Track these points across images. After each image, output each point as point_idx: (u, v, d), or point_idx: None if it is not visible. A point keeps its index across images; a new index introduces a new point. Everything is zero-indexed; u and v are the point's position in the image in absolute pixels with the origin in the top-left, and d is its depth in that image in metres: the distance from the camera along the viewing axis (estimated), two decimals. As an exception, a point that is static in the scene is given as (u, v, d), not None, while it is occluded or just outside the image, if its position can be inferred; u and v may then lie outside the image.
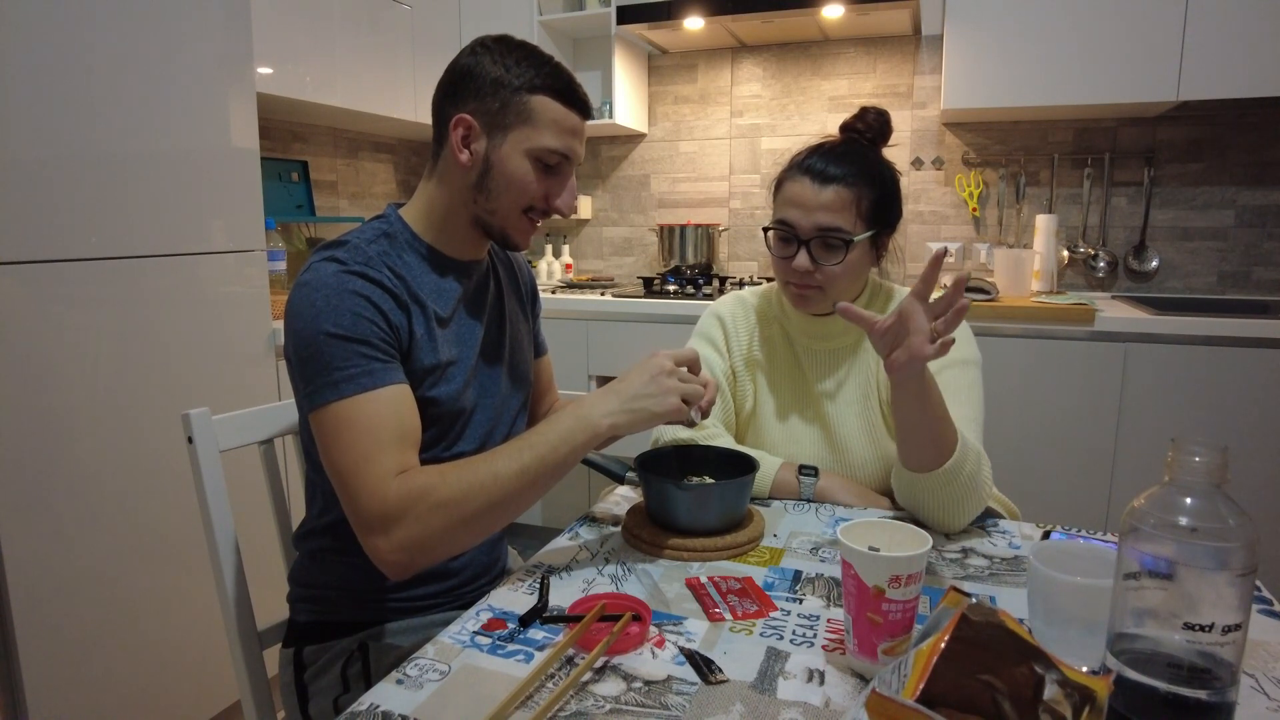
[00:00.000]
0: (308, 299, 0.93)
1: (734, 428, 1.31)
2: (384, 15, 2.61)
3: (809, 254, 1.15)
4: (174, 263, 1.73)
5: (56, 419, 1.52)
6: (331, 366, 0.90)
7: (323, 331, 0.91)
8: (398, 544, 0.87)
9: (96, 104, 1.56)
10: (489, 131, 1.01)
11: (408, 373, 0.97)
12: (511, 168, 1.01)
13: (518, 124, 1.00)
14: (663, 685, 0.71)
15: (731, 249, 3.18)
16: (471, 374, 1.07)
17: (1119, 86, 2.34)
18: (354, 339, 0.91)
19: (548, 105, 1.00)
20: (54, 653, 1.51)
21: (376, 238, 1.01)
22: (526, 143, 1.00)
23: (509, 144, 1.00)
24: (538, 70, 1.00)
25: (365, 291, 0.93)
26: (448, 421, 1.04)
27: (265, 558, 1.31)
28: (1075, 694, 0.52)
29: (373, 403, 0.90)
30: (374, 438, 0.89)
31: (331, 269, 0.94)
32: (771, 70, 3.04)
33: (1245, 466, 2.10)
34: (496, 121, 1.00)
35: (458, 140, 1.01)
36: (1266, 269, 2.58)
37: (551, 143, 1.00)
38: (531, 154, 1.00)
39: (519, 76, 0.99)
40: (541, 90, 1.00)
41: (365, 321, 0.92)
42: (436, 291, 1.04)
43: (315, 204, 2.78)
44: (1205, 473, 0.59)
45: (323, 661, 1.04)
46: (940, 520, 1.05)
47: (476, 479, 0.88)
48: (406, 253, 1.03)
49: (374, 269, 0.96)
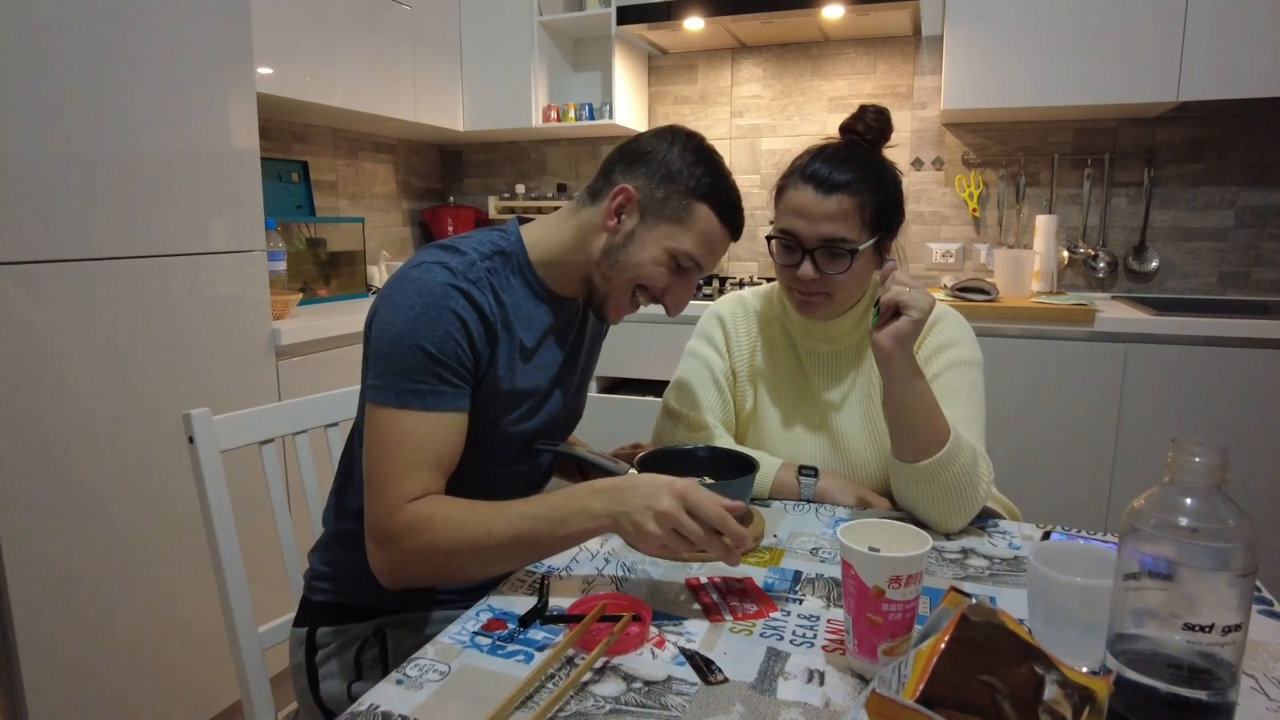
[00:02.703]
0: (409, 298, 0.94)
1: (734, 428, 1.31)
2: (384, 15, 2.61)
3: (813, 263, 1.15)
4: (174, 263, 1.73)
5: (56, 419, 1.52)
6: (407, 375, 0.93)
7: (413, 340, 0.93)
8: (385, 562, 0.92)
9: (96, 104, 1.56)
10: (644, 213, 1.03)
11: (482, 395, 1.00)
12: (647, 255, 1.03)
13: (672, 219, 1.03)
14: (663, 685, 0.71)
15: (731, 249, 3.18)
16: (538, 407, 1.08)
17: (1119, 87, 2.34)
18: (438, 358, 0.93)
19: (705, 215, 1.03)
20: (54, 653, 1.51)
21: (492, 253, 1.03)
22: (671, 240, 1.03)
23: (656, 233, 1.03)
24: (714, 182, 1.03)
25: (463, 314, 0.95)
26: (501, 442, 1.05)
27: (265, 558, 1.31)
28: (1075, 694, 0.52)
29: (426, 423, 0.93)
30: (413, 456, 0.92)
31: (441, 277, 0.95)
32: (771, 70, 3.04)
33: (1245, 466, 2.10)
34: (655, 208, 1.03)
35: (613, 207, 1.03)
36: (1266, 269, 2.58)
37: (693, 249, 1.03)
38: (670, 251, 1.03)
39: (693, 179, 1.02)
40: (706, 200, 1.03)
41: (454, 343, 0.94)
42: (529, 320, 1.05)
43: (315, 204, 2.78)
44: (1205, 473, 0.59)
45: (336, 645, 1.05)
46: (936, 517, 1.06)
47: (470, 531, 0.89)
48: (514, 274, 1.05)
49: (479, 289, 0.97)
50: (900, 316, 1.01)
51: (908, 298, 1.01)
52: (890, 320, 1.02)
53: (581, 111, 3.02)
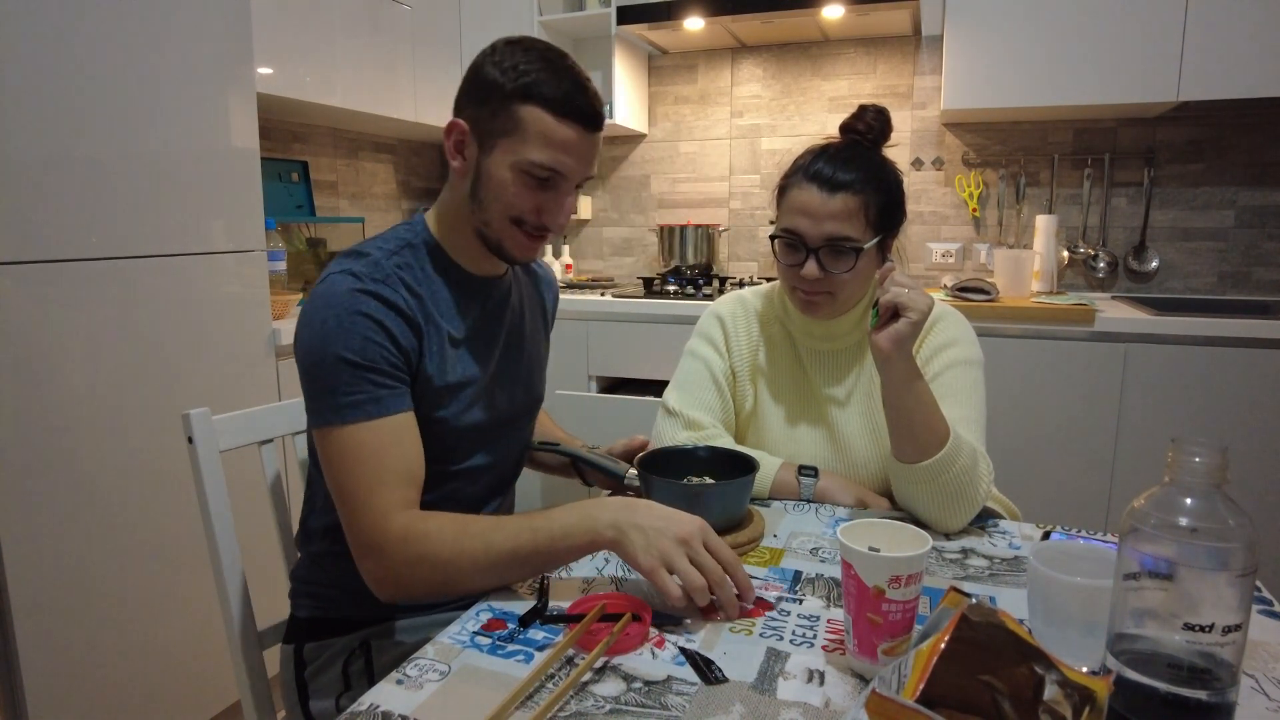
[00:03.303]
0: (320, 314, 0.92)
1: (734, 428, 1.31)
2: (384, 15, 2.61)
3: (818, 262, 1.15)
4: (174, 263, 1.73)
5: (56, 419, 1.52)
6: (338, 390, 0.90)
7: (332, 353, 0.90)
8: (383, 577, 0.90)
9: (96, 104, 1.56)
10: (480, 139, 0.98)
11: (417, 392, 0.97)
12: (499, 180, 0.97)
13: (505, 134, 0.96)
14: (663, 685, 0.71)
15: (731, 249, 3.18)
16: (481, 394, 1.06)
17: (1119, 87, 2.34)
18: (362, 365, 0.91)
19: (535, 115, 0.94)
20: (54, 653, 1.51)
21: (400, 248, 1.00)
22: (513, 155, 0.96)
23: (497, 154, 0.97)
24: (535, 77, 0.94)
25: (377, 315, 0.92)
26: (454, 439, 1.03)
27: (265, 558, 1.31)
28: (1075, 694, 0.52)
29: (376, 431, 0.91)
30: (378, 468, 0.90)
31: (346, 285, 0.93)
32: (771, 70, 3.04)
33: (1245, 466, 2.10)
34: (488, 130, 0.97)
35: (450, 146, 0.99)
36: (1266, 269, 2.58)
37: (537, 157, 0.95)
38: (516, 167, 0.96)
39: (510, 82, 0.94)
40: (528, 99, 0.94)
41: (375, 346, 0.91)
42: (453, 310, 1.03)
43: (315, 204, 2.78)
44: (1205, 473, 0.59)
45: (323, 659, 1.04)
46: (936, 517, 1.06)
47: (471, 545, 0.87)
48: (428, 264, 1.02)
49: (389, 287, 0.94)
50: (899, 318, 1.01)
51: (906, 299, 1.00)
52: (889, 322, 1.02)
53: (581, 111, 3.02)
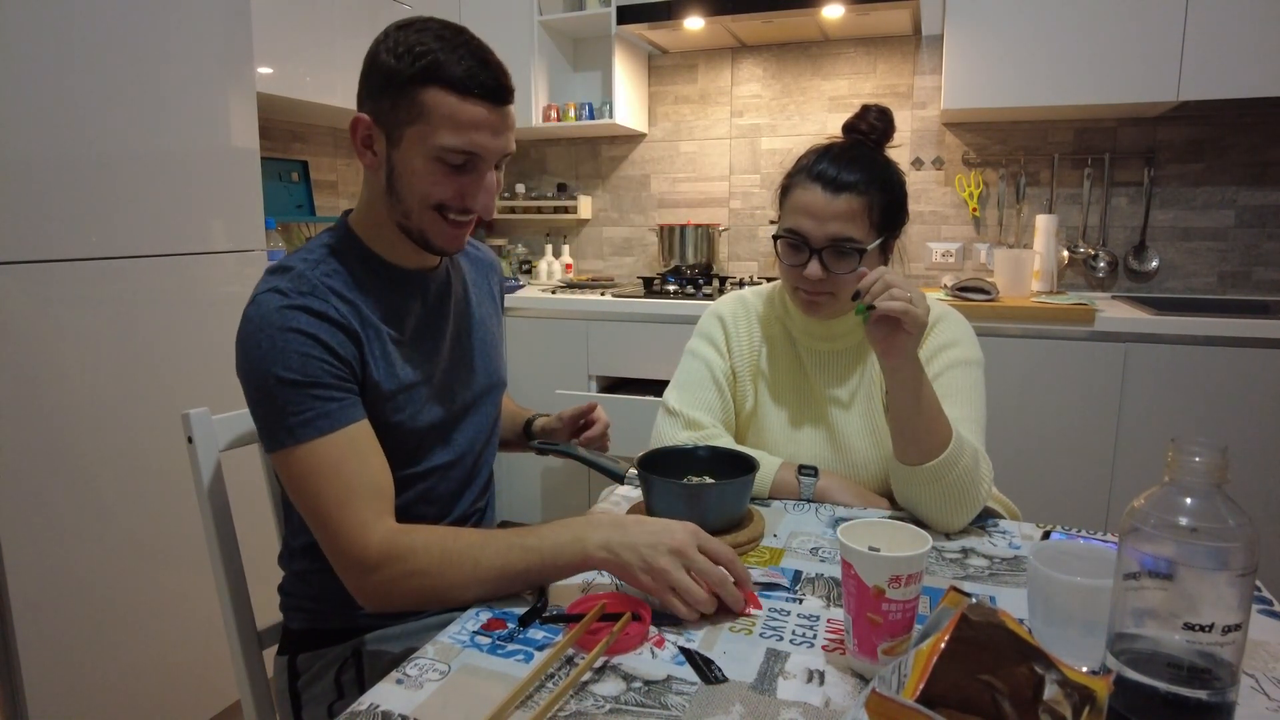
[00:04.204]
0: (253, 337, 0.89)
1: (734, 428, 1.31)
2: (384, 15, 2.61)
3: (821, 263, 1.15)
4: (174, 263, 1.73)
5: (56, 419, 1.52)
6: (286, 411, 0.87)
7: (272, 375, 0.87)
8: (370, 593, 0.88)
9: (96, 104, 1.56)
10: (387, 131, 0.93)
11: (368, 400, 0.95)
12: (413, 171, 0.93)
13: (411, 122, 0.91)
14: (663, 685, 0.71)
15: (731, 249, 3.18)
16: (435, 392, 1.04)
17: (1119, 86, 2.34)
18: (304, 382, 0.88)
19: (437, 97, 0.89)
20: (54, 653, 1.51)
21: (325, 257, 0.97)
22: (423, 142, 0.91)
23: (406, 145, 0.92)
24: (431, 59, 0.89)
25: (309, 329, 0.89)
26: (414, 440, 1.02)
27: (265, 558, 1.31)
28: (1075, 694, 0.52)
29: (333, 446, 0.88)
30: (342, 483, 0.88)
31: (274, 303, 0.89)
32: (771, 70, 3.04)
33: (1245, 466, 2.10)
34: (392, 121, 0.92)
35: (358, 144, 0.95)
36: (1266, 269, 2.58)
37: (448, 141, 0.90)
38: (429, 154, 0.91)
39: (407, 69, 0.89)
40: (427, 82, 0.89)
41: (314, 361, 0.88)
42: (392, 312, 1.00)
43: (315, 204, 2.78)
44: (1205, 473, 0.59)
45: (316, 668, 1.04)
46: (937, 517, 1.06)
47: (457, 562, 0.86)
48: (358, 269, 0.98)
49: (318, 298, 0.91)
50: (899, 327, 0.98)
51: (906, 312, 0.96)
52: (889, 328, 0.99)
53: (581, 111, 3.03)
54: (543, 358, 2.78)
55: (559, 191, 3.32)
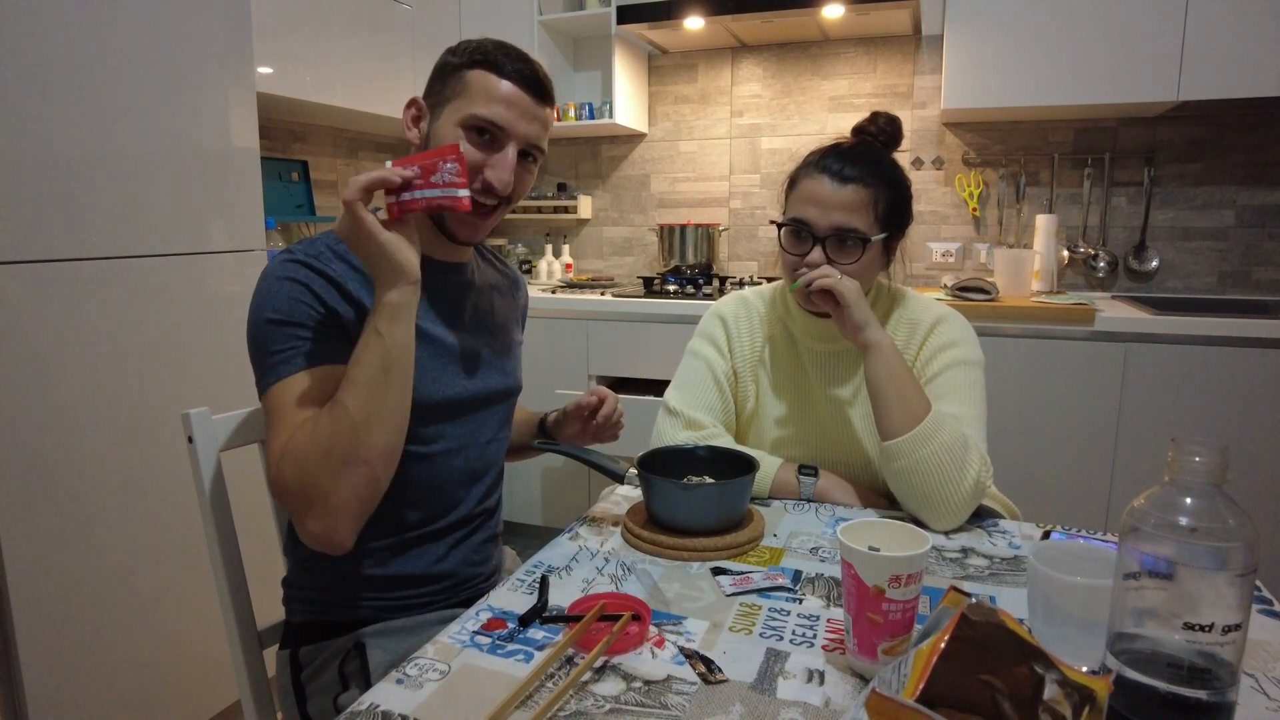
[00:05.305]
0: (256, 290, 0.96)
1: (734, 428, 1.31)
2: (384, 15, 2.61)
3: (824, 252, 1.15)
4: (174, 263, 1.73)
5: (57, 419, 1.52)
6: (269, 351, 0.93)
7: (262, 319, 0.93)
8: (301, 520, 0.89)
9: (96, 104, 1.56)
10: (432, 109, 1.03)
11: None
12: (443, 137, 1.00)
13: (453, 98, 1.01)
14: (663, 685, 0.71)
15: (731, 249, 3.18)
16: (443, 370, 1.05)
17: (1119, 86, 2.34)
18: (289, 321, 0.93)
19: (480, 76, 1.00)
20: (54, 653, 1.51)
21: (338, 241, 1.01)
22: (458, 113, 1.00)
23: (444, 117, 1.01)
24: (478, 48, 1.01)
25: (303, 278, 0.95)
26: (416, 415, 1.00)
27: (265, 558, 1.31)
28: (1075, 694, 0.52)
29: (301, 383, 0.92)
30: (289, 419, 0.90)
31: (279, 259, 0.97)
32: (771, 70, 3.04)
33: (1245, 466, 2.10)
34: (438, 99, 1.02)
35: (408, 119, 1.05)
36: (1266, 269, 2.58)
37: (480, 110, 0.99)
38: (463, 124, 1.00)
39: (460, 59, 1.01)
40: (473, 65, 1.00)
41: (301, 305, 0.94)
42: None
43: (315, 204, 2.78)
44: (1205, 473, 0.59)
45: (319, 661, 1.04)
46: (919, 501, 1.06)
47: (324, 420, 0.88)
48: None
49: (321, 260, 0.97)
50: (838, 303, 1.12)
51: (838, 285, 1.11)
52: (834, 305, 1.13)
53: (582, 111, 3.03)
54: (543, 358, 2.78)
55: (559, 191, 3.32)
